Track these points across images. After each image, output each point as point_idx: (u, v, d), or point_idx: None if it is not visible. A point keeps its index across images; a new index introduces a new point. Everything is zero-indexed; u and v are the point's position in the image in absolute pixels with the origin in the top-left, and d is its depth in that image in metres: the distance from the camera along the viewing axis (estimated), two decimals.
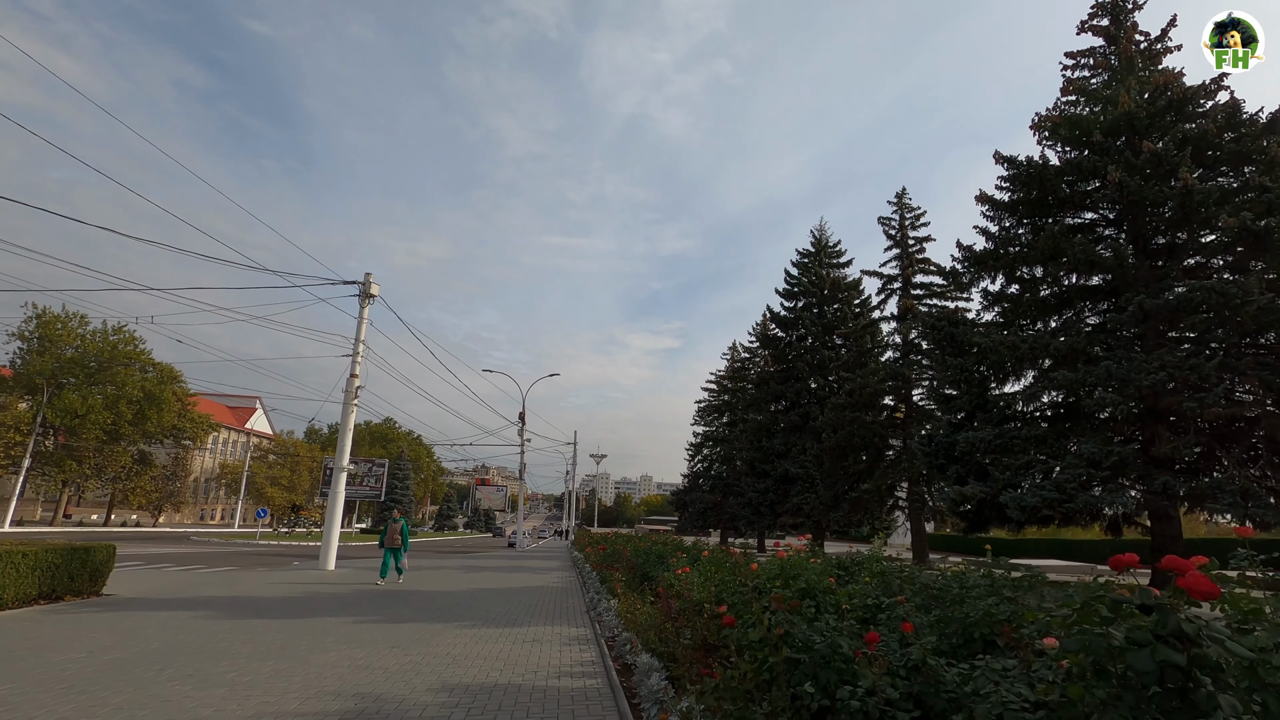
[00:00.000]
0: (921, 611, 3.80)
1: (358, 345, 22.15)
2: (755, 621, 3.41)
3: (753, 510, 36.95)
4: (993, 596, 3.53)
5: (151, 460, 61.17)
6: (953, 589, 4.00)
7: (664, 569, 10.23)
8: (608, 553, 14.76)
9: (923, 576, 4.57)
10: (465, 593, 13.92)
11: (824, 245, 40.36)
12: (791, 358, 38.61)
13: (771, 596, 3.47)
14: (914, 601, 3.91)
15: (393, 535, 15.56)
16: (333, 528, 20.48)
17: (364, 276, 22.54)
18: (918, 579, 4.59)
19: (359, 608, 11.06)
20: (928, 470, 18.29)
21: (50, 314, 51.73)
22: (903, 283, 29.28)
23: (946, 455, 16.41)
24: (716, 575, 6.41)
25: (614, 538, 20.33)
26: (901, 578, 4.74)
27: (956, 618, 3.43)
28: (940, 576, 4.59)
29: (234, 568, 21.11)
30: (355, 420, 21.86)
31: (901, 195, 30.06)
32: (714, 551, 10.39)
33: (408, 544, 15.71)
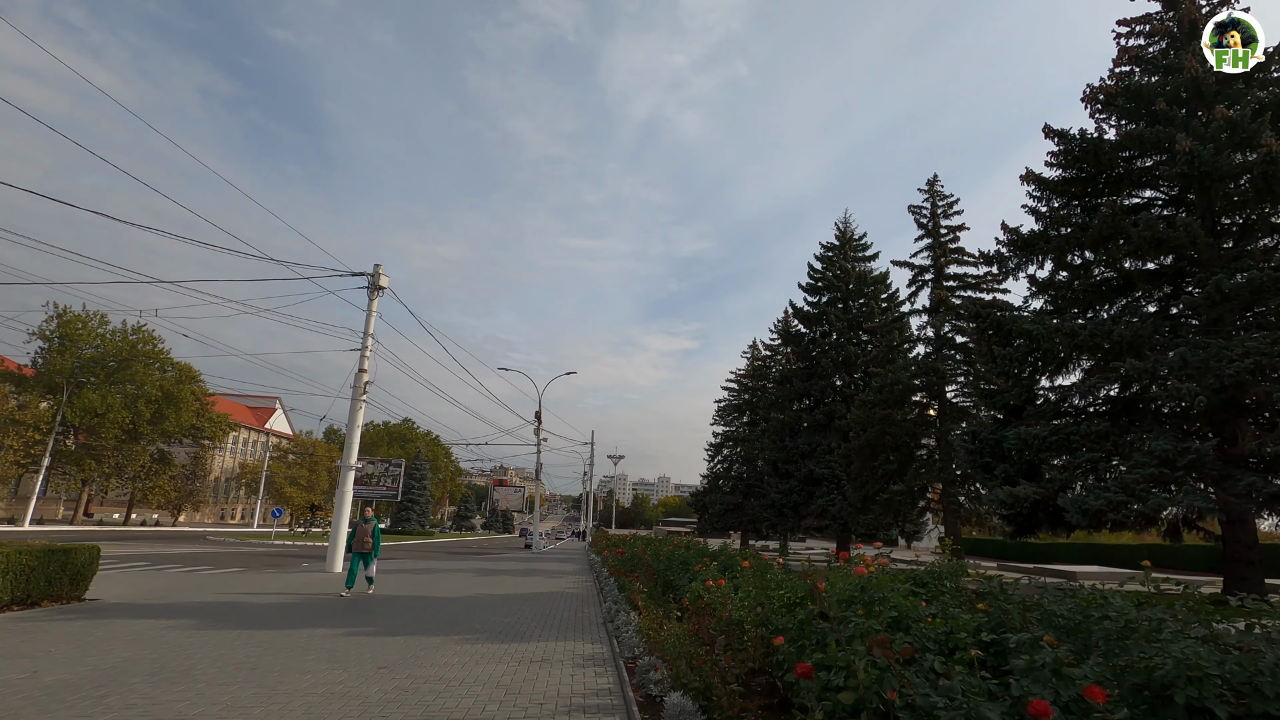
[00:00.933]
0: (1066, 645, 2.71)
1: (366, 339, 21.36)
2: (844, 672, 2.34)
3: (776, 512, 35.64)
4: (1183, 641, 2.43)
5: (171, 460, 61.32)
6: (1101, 621, 2.89)
7: (689, 578, 9.17)
8: (626, 557, 13.64)
9: (1046, 600, 3.46)
10: (473, 599, 12.94)
11: (849, 238, 38.94)
12: (815, 354, 37.24)
13: (873, 640, 2.40)
14: (1066, 644, 2.79)
15: (362, 538, 13.35)
16: (340, 528, 19.66)
17: (373, 267, 21.75)
18: (1036, 603, 3.48)
19: (354, 616, 10.11)
20: (972, 470, 17.00)
21: (70, 313, 51.95)
22: (935, 274, 27.86)
23: (993, 453, 15.12)
24: (759, 589, 5.33)
25: (632, 540, 19.28)
26: (1015, 602, 3.63)
27: (1137, 669, 2.34)
28: (1064, 597, 3.47)
29: (241, 569, 20.46)
30: (375, 421, 21.28)
31: (933, 182, 28.63)
32: (754, 560, 9.27)
33: (379, 548, 13.58)
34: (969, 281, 27.19)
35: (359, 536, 13.30)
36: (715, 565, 9.35)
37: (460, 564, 25.32)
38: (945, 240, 27.90)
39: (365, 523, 13.42)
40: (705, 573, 8.09)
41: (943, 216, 28.15)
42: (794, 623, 3.66)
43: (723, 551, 10.43)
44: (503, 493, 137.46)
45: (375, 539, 13.39)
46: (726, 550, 10.55)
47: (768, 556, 11.39)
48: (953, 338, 26.86)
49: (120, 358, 52.73)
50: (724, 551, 10.41)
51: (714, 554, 10.80)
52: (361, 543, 13.27)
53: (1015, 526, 15.16)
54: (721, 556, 10.09)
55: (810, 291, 38.52)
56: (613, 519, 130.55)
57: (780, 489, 35.50)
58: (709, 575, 7.73)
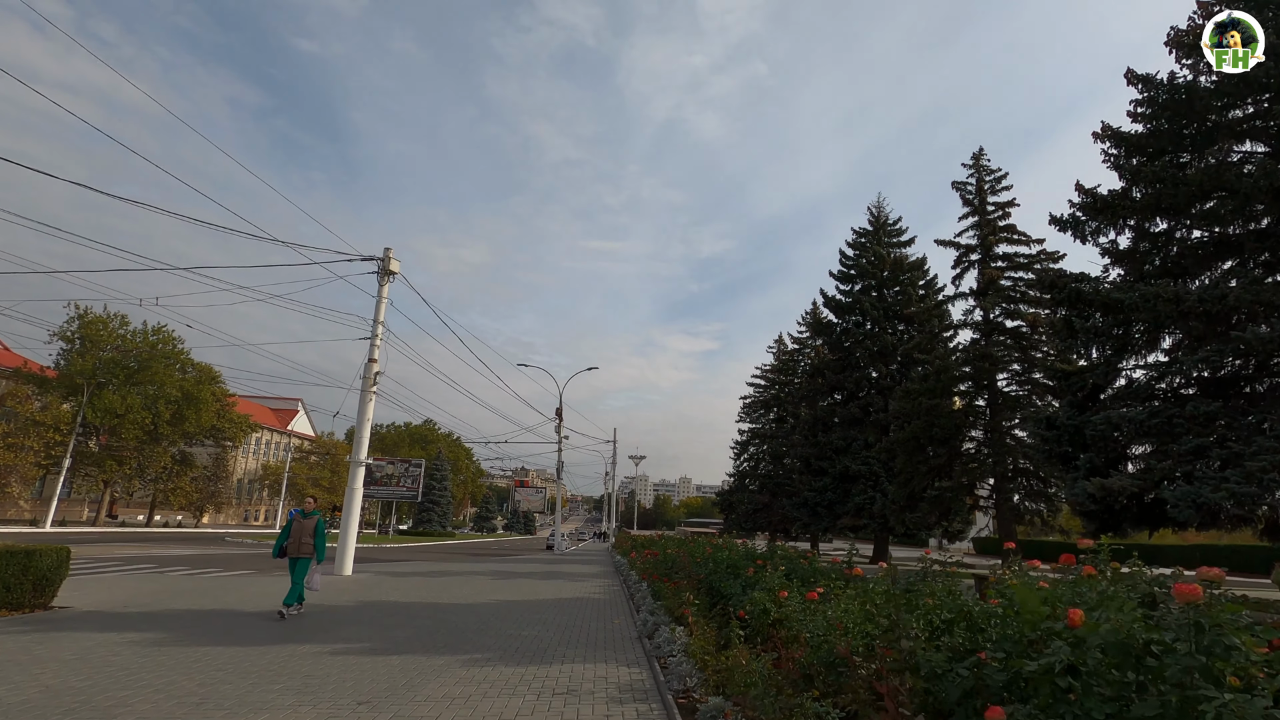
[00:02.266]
0: None
1: (376, 326, 20.09)
2: None
3: (809, 511, 33.83)
4: None
5: (192, 461, 61.10)
6: None
7: (742, 584, 7.60)
8: (660, 560, 12.04)
9: None
10: (488, 606, 11.49)
11: (883, 222, 37.01)
12: (849, 345, 35.38)
13: None
14: None
15: (298, 539, 9.83)
16: (349, 529, 18.40)
17: (383, 251, 20.50)
18: None
19: (346, 629, 8.70)
20: (1046, 461, 15.20)
21: (91, 314, 51.85)
22: (982, 254, 25.87)
23: (1073, 441, 13.33)
24: (874, 607, 3.76)
25: (664, 540, 17.73)
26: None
27: None
28: None
29: (250, 571, 19.37)
30: (396, 421, 20.04)
31: (979, 156, 26.63)
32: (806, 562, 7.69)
33: (323, 551, 9.94)
34: (1020, 261, 25.17)
35: (294, 537, 9.89)
36: (776, 570, 7.77)
37: (478, 566, 23.98)
38: (993, 217, 25.90)
39: (305, 518, 10.04)
40: (767, 579, 6.51)
41: (990, 192, 26.16)
42: (1001, 677, 2.14)
43: (778, 552, 8.85)
44: (524, 494, 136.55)
45: (318, 539, 9.87)
46: (784, 550, 8.95)
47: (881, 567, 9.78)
48: (1003, 322, 24.89)
49: (140, 358, 52.48)
50: (780, 552, 8.83)
51: (765, 555, 9.21)
52: (298, 545, 9.85)
53: (1098, 525, 13.33)
54: (776, 558, 8.50)
55: (842, 279, 36.65)
56: (634, 520, 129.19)
57: (813, 487, 33.69)
58: (772, 583, 6.14)
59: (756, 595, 5.81)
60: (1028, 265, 24.97)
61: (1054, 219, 15.24)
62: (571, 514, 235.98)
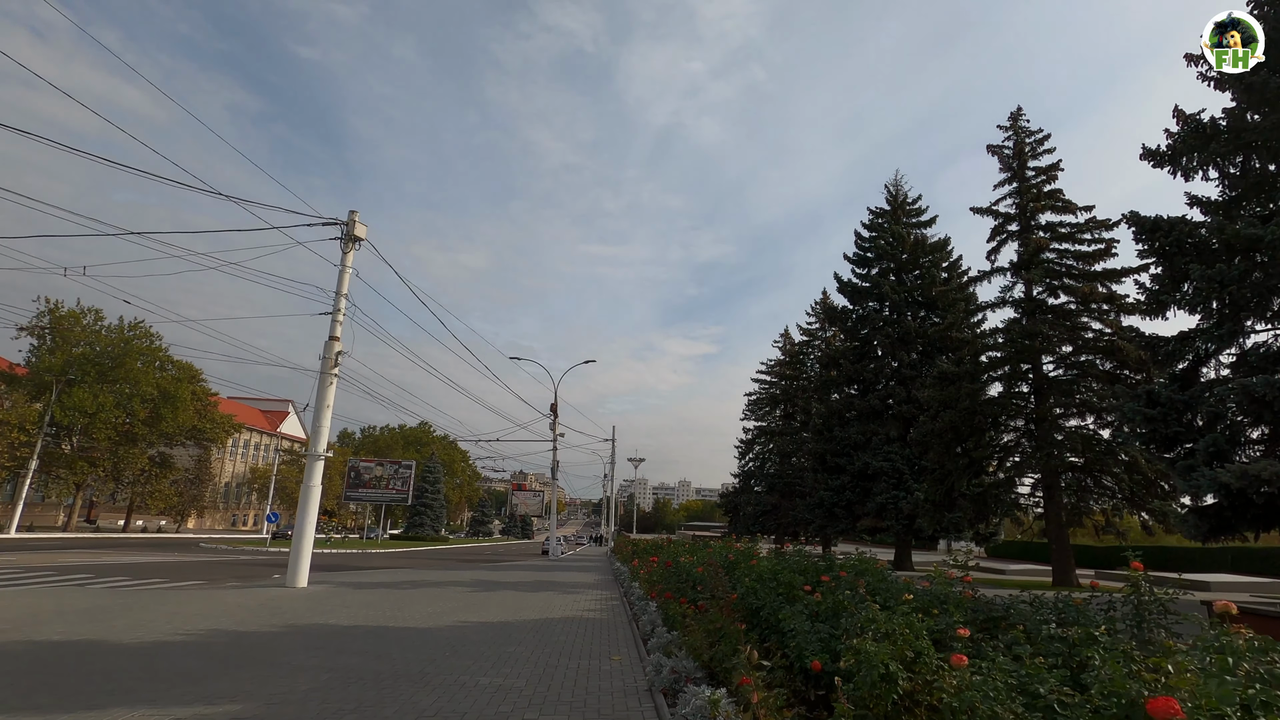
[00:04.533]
0: None
1: (339, 300, 17.47)
2: None
3: (824, 513, 31.15)
4: None
5: (172, 463, 58.27)
6: None
7: (808, 615, 5.02)
8: (672, 573, 9.28)
9: None
10: (449, 632, 8.86)
11: (901, 201, 34.45)
12: (866, 333, 32.77)
13: None
14: None
15: None
16: (304, 534, 15.76)
17: (347, 214, 17.92)
18: None
19: (230, 675, 6.03)
20: (1145, 445, 12.62)
21: (61, 309, 49.23)
22: (1021, 224, 23.28)
23: (1181, 420, 10.80)
24: None
25: (670, 546, 15.12)
26: None
27: None
28: None
29: (200, 582, 16.93)
30: (390, 424, 17.44)
31: (1017, 116, 24.03)
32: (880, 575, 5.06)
33: None
34: (1063, 232, 22.56)
35: None
36: (850, 590, 5.11)
37: (460, 574, 21.34)
38: (1034, 182, 23.31)
39: None
40: (877, 619, 3.87)
41: (1030, 155, 23.57)
42: None
43: (859, 562, 6.24)
44: (521, 497, 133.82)
45: None
46: (860, 560, 6.33)
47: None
48: (1045, 299, 22.27)
49: (114, 354, 49.77)
50: (861, 562, 6.22)
51: (824, 564, 6.62)
52: None
53: (1211, 525, 10.76)
54: (847, 569, 5.89)
55: (858, 263, 34.06)
56: (634, 523, 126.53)
57: (829, 486, 31.02)
58: (899, 629, 3.48)
59: (870, 649, 3.16)
60: (1072, 236, 22.38)
61: (1147, 151, 12.72)
62: (570, 518, 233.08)
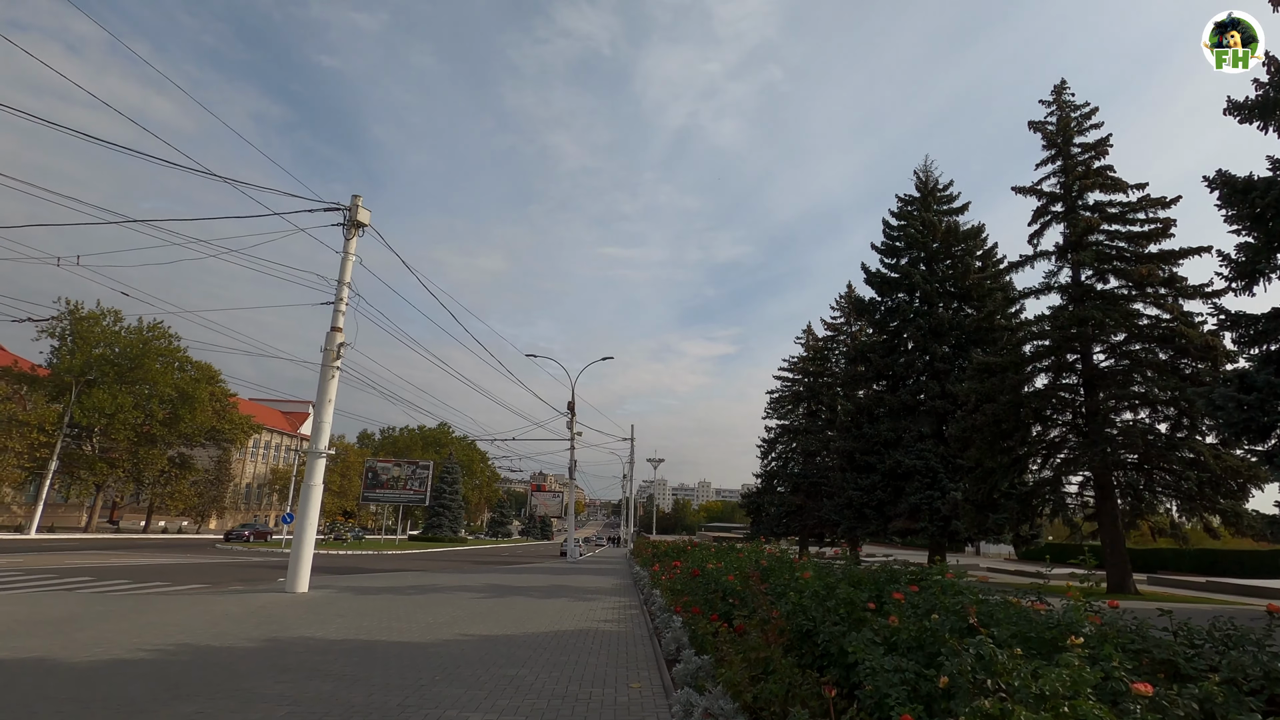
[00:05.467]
0: None
1: (341, 289, 16.57)
2: None
3: (854, 513, 29.70)
4: None
5: (191, 464, 58.32)
6: None
7: (884, 643, 3.86)
8: (700, 583, 8.03)
9: None
10: (445, 649, 7.80)
11: (931, 187, 32.90)
12: (896, 325, 31.28)
13: None
14: None
15: None
16: (304, 536, 14.84)
17: (350, 199, 17.03)
18: None
19: (187, 700, 4.99)
20: (1237, 436, 11.24)
21: (81, 309, 49.43)
22: (1067, 205, 21.73)
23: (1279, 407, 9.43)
24: None
25: (695, 551, 13.96)
26: None
27: None
28: None
29: (202, 586, 16.27)
30: (409, 425, 16.55)
31: (1061, 90, 22.46)
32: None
33: None
34: (1113, 213, 20.98)
35: None
36: (948, 612, 3.92)
37: (473, 578, 20.36)
38: (1080, 159, 21.75)
39: None
40: (952, 651, 2.66)
41: (1076, 132, 22.01)
42: None
43: (934, 573, 5.05)
44: (540, 498, 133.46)
45: None
46: (940, 571, 5.12)
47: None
48: (1094, 284, 20.72)
49: (132, 355, 49.82)
50: (933, 572, 5.04)
51: (916, 576, 5.43)
52: None
53: None
54: (934, 584, 4.68)
55: (887, 252, 32.57)
56: (653, 524, 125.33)
57: (858, 485, 29.58)
58: (992, 666, 2.25)
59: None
60: (1122, 217, 20.79)
61: (1233, 104, 11.32)
62: (590, 519, 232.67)
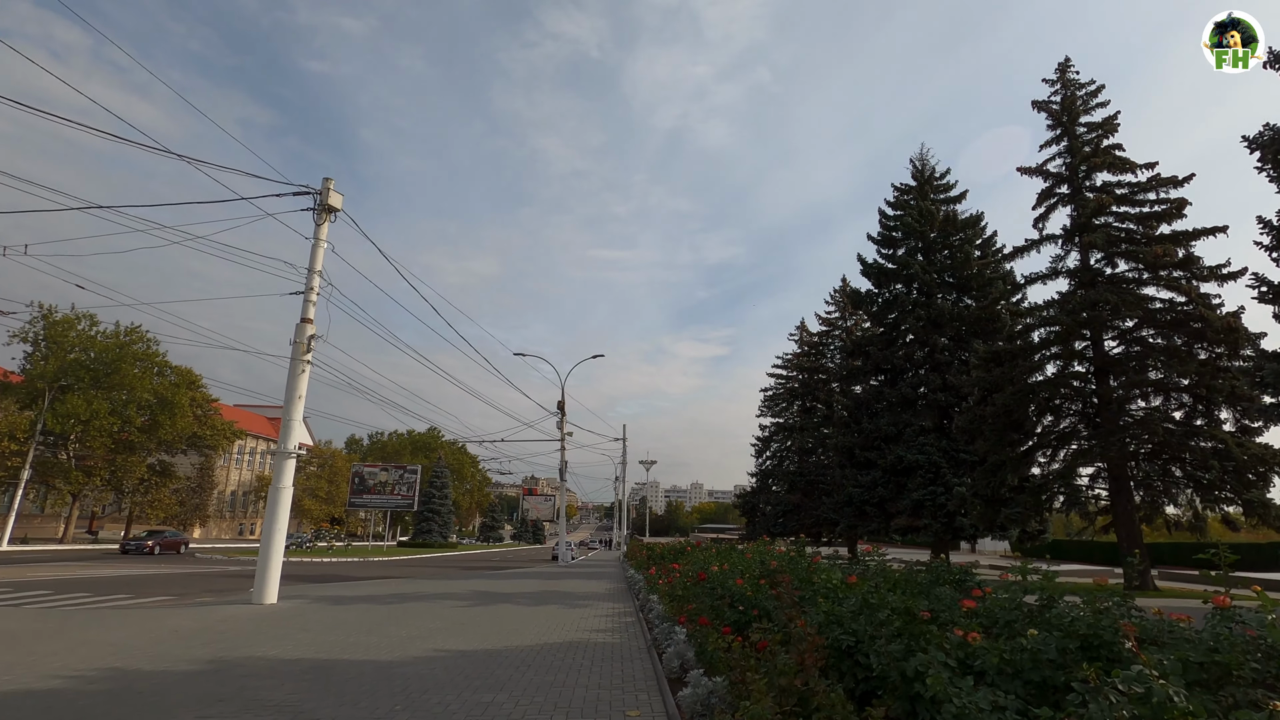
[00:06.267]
0: None
1: (312, 277, 15.50)
2: None
3: (854, 511, 28.84)
4: None
5: (172, 471, 56.70)
6: None
7: (959, 682, 2.84)
8: (706, 588, 6.91)
9: None
10: (413, 668, 6.78)
11: (928, 176, 32.17)
12: (894, 317, 30.49)
13: None
14: None
15: None
16: (271, 543, 13.76)
17: (321, 182, 16.00)
18: None
19: None
20: None
21: (55, 313, 47.90)
22: (1073, 187, 20.97)
23: None
24: None
25: (696, 553, 13.02)
26: None
27: None
28: None
29: (168, 598, 15.22)
30: (399, 429, 15.46)
31: (1065, 68, 21.71)
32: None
33: None
34: (1121, 194, 20.22)
35: None
36: (1061, 629, 2.89)
37: (459, 583, 19.31)
38: (1087, 139, 20.99)
39: None
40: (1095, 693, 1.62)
41: (1082, 111, 21.26)
42: None
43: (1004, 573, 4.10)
44: (532, 502, 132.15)
45: None
46: (1031, 571, 4.16)
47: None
48: (1102, 268, 19.95)
49: (107, 359, 48.28)
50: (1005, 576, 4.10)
51: (958, 578, 4.47)
52: None
53: None
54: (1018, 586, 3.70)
55: (884, 243, 31.80)
56: (646, 527, 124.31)
57: (858, 482, 28.72)
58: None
59: None
60: (1131, 198, 20.04)
61: (1274, 56, 10.54)
62: (582, 522, 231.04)
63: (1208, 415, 17.79)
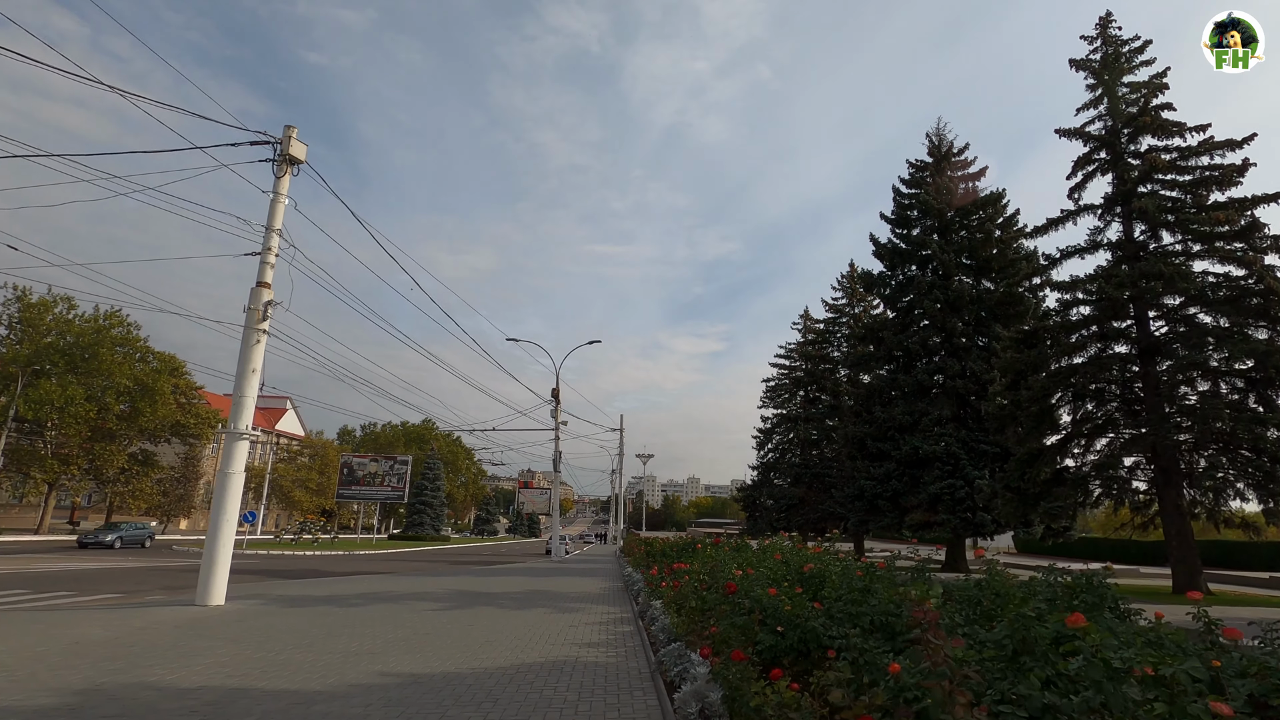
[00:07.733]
0: None
1: (270, 235, 13.71)
2: None
3: (865, 505, 27.17)
4: None
5: (155, 461, 54.82)
6: None
7: None
8: (737, 605, 5.20)
9: None
10: (336, 702, 5.04)
11: (946, 152, 30.37)
12: (908, 301, 28.75)
13: None
14: None
15: None
16: (218, 537, 12.03)
17: (282, 130, 14.18)
18: None
19: None
20: None
21: (30, 296, 46.03)
22: (1113, 153, 19.22)
23: None
24: None
25: (714, 552, 11.29)
26: None
27: None
28: None
29: (115, 596, 13.57)
30: (393, 421, 13.86)
31: (1106, 22, 19.90)
32: None
33: None
34: (1168, 160, 18.45)
35: None
36: None
37: (441, 582, 17.60)
38: (1131, 99, 19.22)
39: None
40: None
41: (1125, 70, 19.49)
42: None
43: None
44: (528, 495, 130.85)
45: None
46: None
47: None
48: (1145, 241, 18.22)
49: (84, 343, 46.40)
50: None
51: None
52: None
53: None
54: None
55: (898, 223, 30.01)
56: (643, 521, 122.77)
57: (870, 474, 27.03)
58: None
59: None
60: (1179, 165, 18.28)
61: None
62: (578, 515, 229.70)
63: (1267, 402, 16.13)
